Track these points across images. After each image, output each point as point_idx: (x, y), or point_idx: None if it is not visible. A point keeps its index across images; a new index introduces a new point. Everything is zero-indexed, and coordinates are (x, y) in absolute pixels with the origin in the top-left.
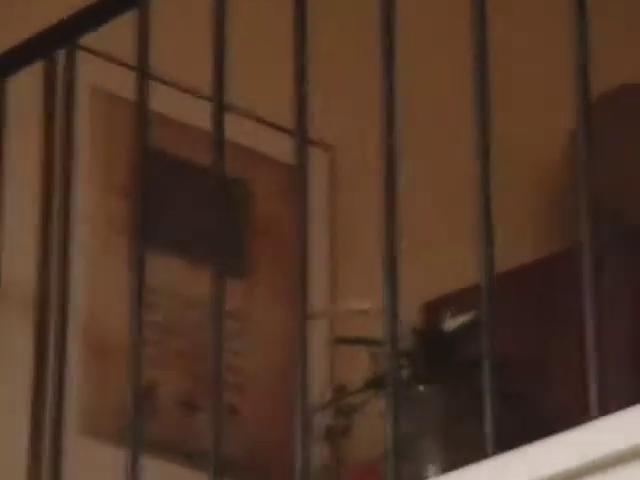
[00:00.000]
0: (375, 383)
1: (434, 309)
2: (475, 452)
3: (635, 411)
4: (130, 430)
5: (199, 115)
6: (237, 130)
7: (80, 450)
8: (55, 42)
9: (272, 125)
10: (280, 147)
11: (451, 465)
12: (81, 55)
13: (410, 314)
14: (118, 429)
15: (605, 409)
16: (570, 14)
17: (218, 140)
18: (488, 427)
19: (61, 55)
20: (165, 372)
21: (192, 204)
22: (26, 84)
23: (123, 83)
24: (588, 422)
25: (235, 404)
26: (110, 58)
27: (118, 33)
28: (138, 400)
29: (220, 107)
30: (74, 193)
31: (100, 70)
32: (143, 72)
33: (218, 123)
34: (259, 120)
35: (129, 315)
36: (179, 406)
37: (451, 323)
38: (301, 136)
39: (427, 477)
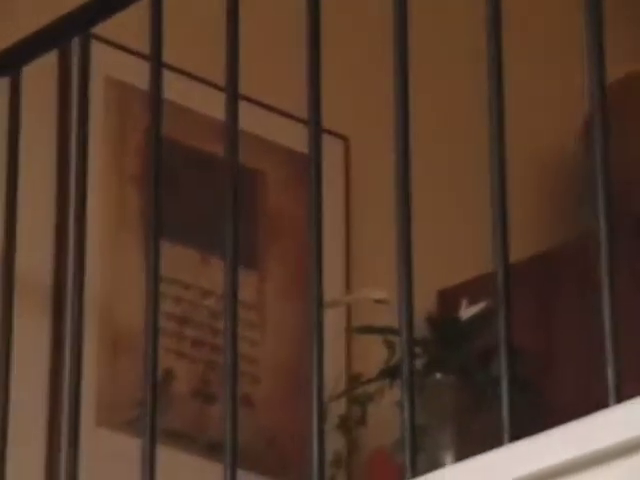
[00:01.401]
0: (390, 372)
1: (449, 297)
2: (489, 441)
3: None
4: (145, 420)
5: (212, 104)
6: (251, 119)
7: (96, 441)
8: (69, 31)
9: (286, 114)
10: (294, 137)
11: (466, 454)
12: (95, 45)
13: (425, 303)
14: (133, 420)
15: (620, 397)
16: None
17: (231, 129)
18: (505, 415)
19: (75, 45)
20: (181, 362)
21: (206, 194)
22: (41, 74)
23: (137, 73)
24: (603, 410)
25: (250, 394)
26: (124, 48)
27: (131, 22)
28: (153, 390)
29: (234, 96)
30: (89, 183)
31: (114, 60)
32: (157, 61)
33: (232, 112)
34: (273, 109)
35: (145, 305)
36: (194, 396)
37: (467, 311)
38: (315, 125)
39: (442, 465)
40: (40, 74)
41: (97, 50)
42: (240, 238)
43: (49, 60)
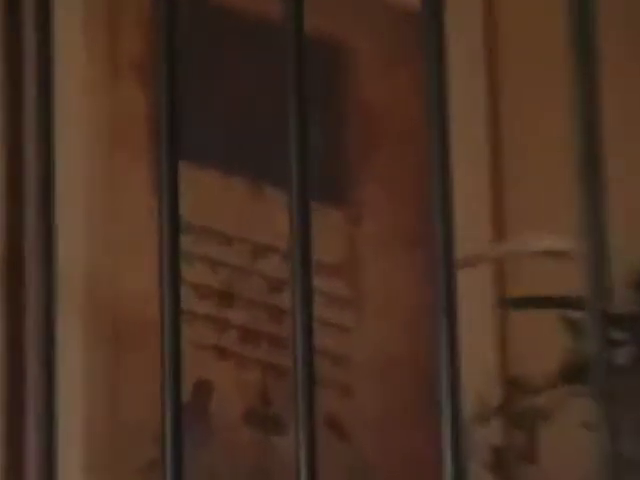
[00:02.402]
0: (572, 372)
1: None
2: None
3: None
4: (166, 466)
5: None
6: None
7: None
8: None
9: None
10: None
11: None
12: None
13: (629, 256)
14: (147, 467)
15: None
16: None
17: None
18: None
19: None
20: (222, 367)
21: (254, 85)
22: None
23: None
24: None
25: (336, 412)
26: None
27: None
28: (177, 418)
29: None
30: (59, 81)
31: None
32: None
33: None
34: None
35: (159, 277)
36: (246, 420)
37: None
38: None
39: None
40: None
41: None
42: (314, 157)
43: None
